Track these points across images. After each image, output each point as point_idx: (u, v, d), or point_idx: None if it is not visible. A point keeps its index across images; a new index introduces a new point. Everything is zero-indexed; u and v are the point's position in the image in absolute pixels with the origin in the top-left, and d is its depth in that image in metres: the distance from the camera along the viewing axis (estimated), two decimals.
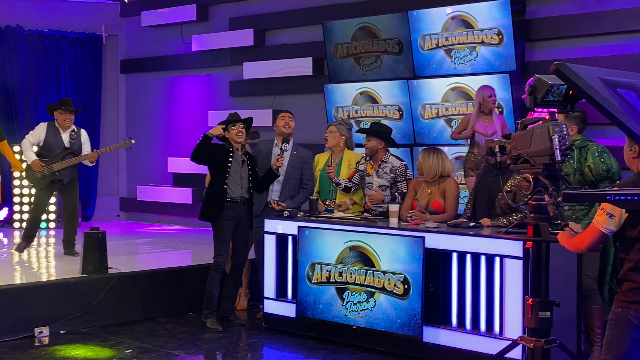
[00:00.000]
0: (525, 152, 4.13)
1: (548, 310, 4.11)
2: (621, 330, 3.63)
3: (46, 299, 6.61)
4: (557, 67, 2.15)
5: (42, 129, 8.23)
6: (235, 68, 10.83)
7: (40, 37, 11.85)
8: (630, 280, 3.62)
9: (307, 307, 6.39)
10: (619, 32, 7.51)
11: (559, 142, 3.97)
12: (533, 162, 4.09)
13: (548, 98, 4.04)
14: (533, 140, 4.09)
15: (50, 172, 8.12)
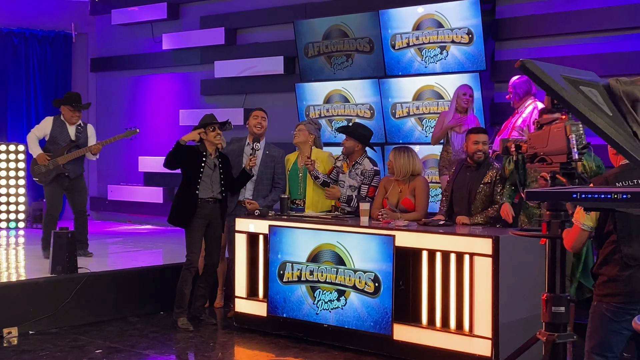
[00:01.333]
0: (542, 151, 4.15)
1: (562, 305, 4.10)
2: (599, 322, 3.77)
3: (15, 299, 6.55)
4: (523, 63, 2.17)
5: (48, 123, 8.03)
6: (207, 67, 10.79)
7: (9, 35, 11.72)
8: (602, 274, 3.76)
9: (278, 306, 6.39)
10: (587, 31, 7.60)
11: (576, 141, 4.00)
12: (550, 161, 4.12)
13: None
14: (550, 139, 4.12)
15: (54, 165, 7.91)
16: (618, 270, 3.70)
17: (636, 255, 3.69)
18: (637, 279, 3.67)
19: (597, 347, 3.78)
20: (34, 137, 8.04)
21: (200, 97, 11.02)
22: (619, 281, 3.70)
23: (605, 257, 3.75)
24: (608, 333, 3.75)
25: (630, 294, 3.67)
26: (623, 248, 3.69)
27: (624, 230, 3.69)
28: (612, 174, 3.79)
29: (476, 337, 5.34)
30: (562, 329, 4.10)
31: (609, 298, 3.72)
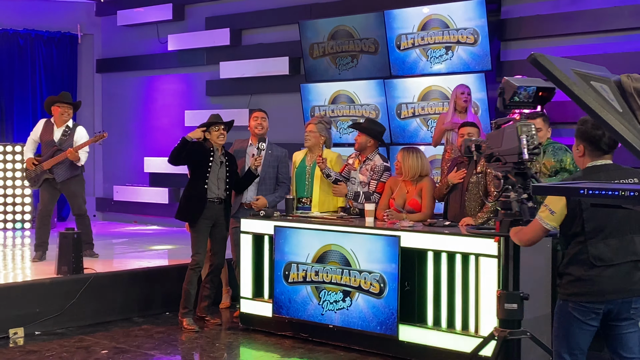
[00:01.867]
0: (497, 151, 4.30)
1: (515, 302, 4.28)
2: (565, 321, 3.84)
3: (21, 300, 6.56)
4: (534, 56, 2.15)
5: (40, 126, 8.01)
6: (212, 67, 10.80)
7: (15, 36, 11.75)
8: (569, 274, 3.81)
9: (284, 307, 6.39)
10: (593, 32, 7.59)
11: (527, 141, 4.15)
12: (504, 161, 4.27)
13: (515, 99, 4.23)
14: (504, 139, 4.27)
15: (41, 170, 7.88)
16: (585, 270, 3.76)
17: (602, 256, 3.75)
18: (602, 279, 3.74)
19: (566, 346, 3.85)
20: (30, 140, 8.04)
21: (206, 98, 11.03)
22: (585, 280, 3.76)
23: (572, 257, 3.80)
24: (575, 331, 3.82)
25: (596, 293, 3.75)
26: (590, 249, 3.75)
27: (592, 232, 3.74)
28: (577, 177, 3.85)
29: (482, 337, 5.33)
30: (516, 325, 4.30)
31: (575, 297, 3.79)
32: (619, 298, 3.76)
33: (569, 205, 3.75)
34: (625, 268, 3.77)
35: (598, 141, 3.76)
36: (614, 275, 3.74)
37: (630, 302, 3.78)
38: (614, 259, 3.75)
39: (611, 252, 3.75)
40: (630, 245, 3.78)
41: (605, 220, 3.73)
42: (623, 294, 3.76)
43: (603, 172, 3.75)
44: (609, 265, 3.75)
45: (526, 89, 4.22)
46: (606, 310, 3.77)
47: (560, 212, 3.75)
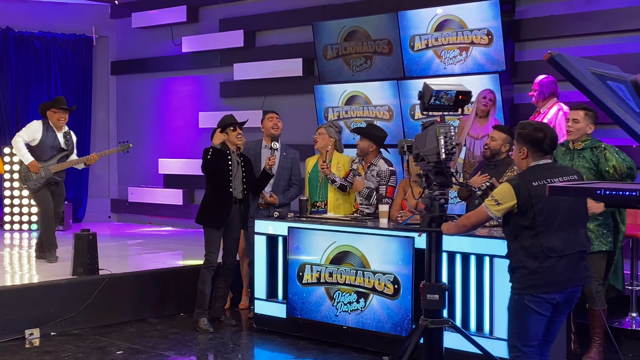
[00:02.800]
0: (422, 151, 4.66)
1: (437, 293, 4.62)
2: (521, 315, 4.05)
3: (37, 300, 6.60)
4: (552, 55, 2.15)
5: (38, 127, 7.99)
6: (226, 69, 10.83)
7: (30, 38, 11.82)
8: (523, 267, 4.04)
9: (298, 308, 6.40)
10: (608, 32, 7.55)
11: (445, 142, 4.50)
12: (427, 160, 4.64)
13: (433, 102, 4.59)
14: (427, 140, 4.62)
15: (46, 173, 7.93)
16: (539, 262, 3.98)
17: (555, 247, 3.99)
18: (556, 270, 3.98)
19: (524, 339, 4.06)
20: (22, 141, 7.93)
21: (220, 100, 11.06)
22: (540, 272, 3.98)
23: (524, 250, 4.03)
24: (532, 323, 4.03)
25: (552, 283, 3.98)
26: (543, 242, 3.98)
27: (543, 225, 3.98)
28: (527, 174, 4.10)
29: (497, 339, 5.32)
30: (437, 315, 4.63)
31: (531, 289, 4.00)
32: (571, 287, 4.04)
33: (520, 200, 4.00)
34: (574, 258, 4.05)
35: (540, 143, 4.08)
36: (567, 265, 4.01)
37: (577, 291, 4.11)
38: (565, 250, 4.01)
39: (562, 243, 4.00)
40: (577, 237, 4.06)
41: (554, 214, 3.99)
42: (574, 282, 4.05)
43: (546, 170, 4.07)
44: (562, 256, 4.00)
45: (447, 92, 4.58)
46: (561, 300, 4.03)
47: (505, 205, 4.02)
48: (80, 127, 12.10)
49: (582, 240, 4.10)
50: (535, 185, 4.02)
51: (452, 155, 4.57)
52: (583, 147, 5.62)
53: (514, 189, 4.04)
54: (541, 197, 3.98)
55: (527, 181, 4.04)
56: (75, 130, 11.93)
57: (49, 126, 8.06)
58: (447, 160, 4.54)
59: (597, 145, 5.60)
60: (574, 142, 5.66)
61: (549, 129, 4.17)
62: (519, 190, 4.02)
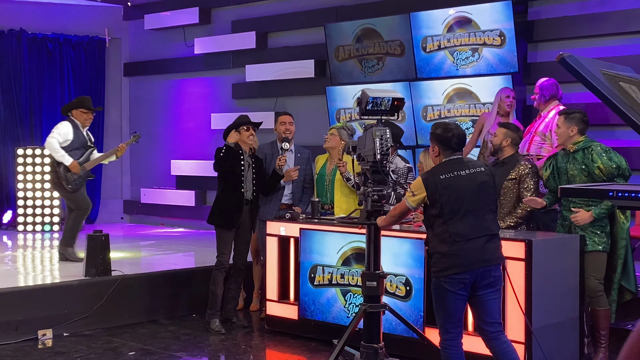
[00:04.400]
0: (362, 152, 5.02)
1: (374, 280, 5.03)
2: (440, 295, 4.48)
3: (49, 301, 6.63)
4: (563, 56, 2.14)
5: (68, 128, 8.02)
6: (238, 70, 10.85)
7: (43, 40, 11.88)
8: (437, 252, 4.47)
9: (309, 309, 6.40)
10: (621, 33, 7.52)
11: (380, 144, 4.88)
12: (366, 160, 4.99)
13: (369, 108, 4.94)
14: (366, 141, 4.98)
15: (84, 172, 8.02)
16: (449, 246, 4.41)
17: (461, 232, 4.40)
18: (464, 252, 4.39)
19: (447, 317, 4.49)
20: (57, 143, 7.97)
21: (232, 101, 11.08)
22: (450, 255, 4.40)
23: (437, 236, 4.47)
24: (450, 302, 4.44)
25: (460, 265, 4.38)
26: (450, 228, 4.41)
27: (449, 213, 4.41)
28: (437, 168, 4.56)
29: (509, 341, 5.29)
30: (375, 300, 5.06)
31: (444, 272, 4.42)
32: (479, 267, 4.40)
33: (428, 192, 4.46)
34: (481, 241, 4.43)
35: (449, 142, 4.55)
36: (473, 248, 4.41)
37: (490, 270, 4.45)
38: (470, 234, 4.41)
39: (468, 228, 4.41)
40: (483, 222, 4.45)
41: (460, 203, 4.42)
42: (482, 263, 4.41)
43: (454, 164, 4.52)
44: (468, 239, 4.40)
45: (382, 99, 4.94)
46: (472, 280, 4.41)
47: (419, 196, 4.51)
48: (92, 129, 12.02)
49: (488, 225, 4.47)
50: (442, 177, 4.47)
51: (387, 156, 4.95)
52: (575, 149, 5.68)
53: (424, 182, 4.51)
54: (447, 189, 4.44)
55: (435, 174, 4.51)
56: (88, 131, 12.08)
57: (76, 125, 8.11)
58: (382, 160, 4.90)
59: (588, 146, 5.66)
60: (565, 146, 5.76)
61: (457, 129, 4.62)
62: (428, 183, 4.48)
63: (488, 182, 4.55)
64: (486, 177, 4.55)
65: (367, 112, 5.01)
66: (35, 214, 11.09)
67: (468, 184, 4.47)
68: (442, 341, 4.58)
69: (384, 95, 5.02)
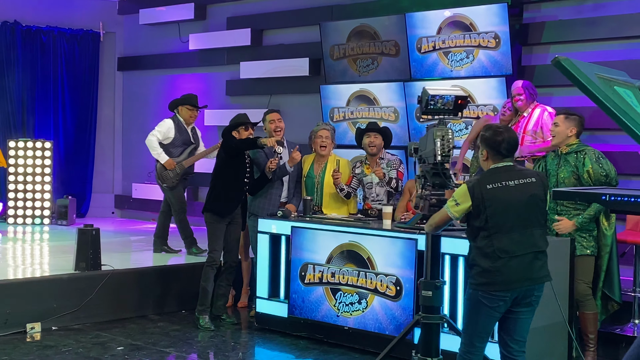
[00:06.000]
0: (423, 153, 4.84)
1: (430, 290, 4.74)
2: (475, 309, 4.25)
3: (38, 295, 6.61)
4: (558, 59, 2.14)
5: (170, 126, 8.06)
6: (232, 67, 10.82)
7: (37, 33, 11.83)
8: (477, 265, 4.22)
9: (299, 307, 6.40)
10: (615, 38, 7.53)
11: (441, 144, 4.66)
12: (427, 162, 4.82)
13: (431, 107, 4.74)
14: (427, 142, 4.79)
15: (181, 169, 8.04)
16: (491, 262, 4.14)
17: (506, 248, 4.13)
18: (507, 269, 4.13)
19: (476, 331, 4.26)
20: (157, 140, 8.02)
21: (226, 98, 11.06)
22: (492, 272, 4.15)
23: (479, 250, 4.20)
24: (484, 318, 4.22)
25: (503, 282, 4.14)
26: (495, 242, 4.14)
27: (495, 227, 4.14)
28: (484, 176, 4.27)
29: None
30: (433, 311, 4.74)
31: (483, 287, 4.18)
32: (523, 286, 4.17)
33: (474, 202, 4.17)
34: (527, 259, 4.17)
35: (498, 147, 4.23)
36: (518, 265, 4.15)
37: (533, 290, 4.23)
38: (516, 251, 4.15)
39: (514, 244, 4.14)
40: (530, 238, 4.18)
41: (506, 216, 4.14)
42: (526, 282, 4.18)
43: (503, 173, 4.22)
44: (513, 256, 4.14)
45: (442, 97, 4.70)
46: (512, 298, 4.18)
47: (463, 206, 4.20)
48: (85, 123, 12.13)
49: (536, 241, 4.22)
50: (489, 187, 4.18)
51: (448, 157, 4.71)
52: (568, 151, 5.71)
53: (469, 191, 4.21)
54: (494, 200, 4.16)
55: (482, 183, 4.21)
56: (81, 126, 12.08)
57: (179, 123, 8.12)
58: (444, 162, 4.67)
59: (581, 149, 5.69)
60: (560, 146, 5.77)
61: (508, 133, 4.30)
62: (473, 193, 4.19)
63: (538, 195, 4.24)
64: (537, 188, 4.25)
65: (428, 111, 4.73)
66: (25, 207, 11.05)
67: (516, 196, 4.17)
68: (464, 352, 4.36)
69: (446, 92, 4.74)
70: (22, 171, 11.05)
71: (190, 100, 8.17)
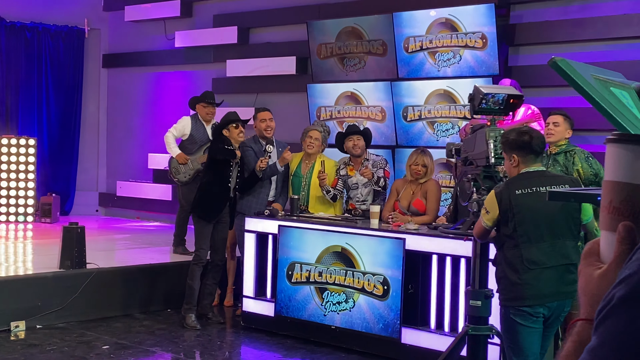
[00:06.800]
0: (470, 155, 4.55)
1: (479, 299, 4.42)
2: (511, 329, 3.95)
3: (23, 293, 6.55)
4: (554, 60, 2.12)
5: (187, 123, 8.09)
6: (219, 65, 10.78)
7: (22, 29, 11.74)
8: (505, 278, 3.93)
9: (286, 306, 6.38)
10: (601, 39, 7.57)
11: (494, 146, 4.37)
12: (475, 164, 4.51)
13: (483, 106, 4.45)
14: (476, 144, 4.51)
15: (194, 165, 8.00)
16: (520, 274, 3.84)
17: (535, 259, 3.84)
18: (537, 282, 3.83)
19: (518, 352, 3.92)
20: (172, 136, 8.05)
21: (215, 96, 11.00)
22: (520, 285, 3.85)
23: (506, 260, 3.90)
24: (524, 337, 3.89)
25: (533, 297, 3.84)
26: (524, 252, 3.84)
27: (524, 235, 3.85)
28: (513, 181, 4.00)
29: None
30: (481, 322, 4.39)
31: (512, 302, 3.89)
32: (555, 300, 3.88)
33: (501, 208, 3.88)
34: (558, 271, 3.88)
35: (528, 145, 3.95)
36: (549, 278, 3.85)
37: (564, 305, 3.94)
38: (547, 262, 3.85)
39: (543, 255, 3.84)
40: (562, 249, 3.89)
41: (537, 224, 3.84)
42: (558, 296, 3.88)
43: (535, 178, 3.93)
44: (543, 268, 3.85)
45: (494, 95, 4.41)
46: (546, 313, 3.88)
47: (492, 213, 3.90)
48: (69, 120, 12.04)
49: (568, 252, 3.92)
50: (518, 193, 3.91)
51: (502, 159, 4.39)
52: (558, 151, 5.74)
53: (497, 196, 3.94)
54: (523, 207, 3.85)
55: (510, 188, 3.95)
56: (65, 123, 12.00)
57: (198, 120, 8.12)
58: (496, 164, 4.39)
59: (571, 149, 5.71)
60: (549, 146, 5.78)
61: (533, 130, 4.12)
62: (501, 198, 3.91)
63: (572, 204, 3.87)
64: None
65: (480, 110, 4.47)
66: (9, 204, 10.96)
67: (548, 203, 3.74)
68: None
69: (498, 91, 4.52)
70: (5, 168, 10.96)
71: (205, 97, 8.18)
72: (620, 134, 1.84)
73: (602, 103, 2.01)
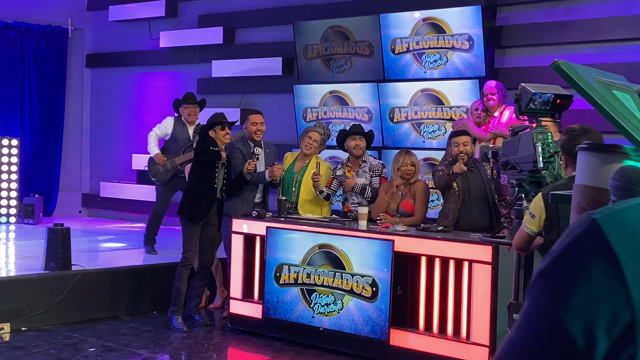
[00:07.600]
0: (513, 158, 4.28)
1: None
2: None
3: (7, 295, 6.48)
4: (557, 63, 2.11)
5: (170, 123, 8.16)
6: (204, 66, 10.74)
7: (4, 28, 11.63)
8: None
9: (274, 308, 6.36)
10: (587, 41, 7.61)
11: (542, 149, 4.14)
12: (519, 169, 4.25)
13: (531, 106, 4.19)
14: (520, 147, 4.25)
15: (172, 165, 8.01)
16: None
17: None
18: None
19: None
20: (154, 135, 8.14)
21: (197, 96, 10.94)
22: None
23: None
24: None
25: None
26: None
27: None
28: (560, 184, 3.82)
29: (473, 344, 5.33)
30: None
31: None
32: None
33: (547, 212, 3.71)
34: None
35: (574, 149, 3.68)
36: None
37: None
38: None
39: None
40: None
41: None
42: None
43: None
44: None
45: (541, 95, 4.18)
46: None
47: (539, 217, 3.72)
48: (52, 120, 11.95)
49: None
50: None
51: (550, 163, 4.21)
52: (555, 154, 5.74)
53: (543, 199, 3.74)
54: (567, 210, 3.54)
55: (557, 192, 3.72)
56: (48, 123, 11.90)
57: (180, 121, 8.18)
58: (544, 169, 4.18)
59: (558, 151, 5.71)
60: None
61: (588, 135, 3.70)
62: (547, 201, 3.68)
63: None
64: None
65: (527, 111, 4.24)
66: None
67: None
68: None
69: (545, 90, 4.26)
70: None
71: (186, 99, 8.23)
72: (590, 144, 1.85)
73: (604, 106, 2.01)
